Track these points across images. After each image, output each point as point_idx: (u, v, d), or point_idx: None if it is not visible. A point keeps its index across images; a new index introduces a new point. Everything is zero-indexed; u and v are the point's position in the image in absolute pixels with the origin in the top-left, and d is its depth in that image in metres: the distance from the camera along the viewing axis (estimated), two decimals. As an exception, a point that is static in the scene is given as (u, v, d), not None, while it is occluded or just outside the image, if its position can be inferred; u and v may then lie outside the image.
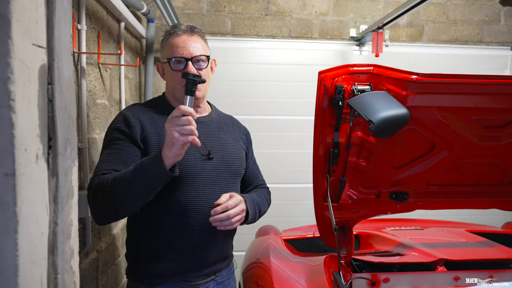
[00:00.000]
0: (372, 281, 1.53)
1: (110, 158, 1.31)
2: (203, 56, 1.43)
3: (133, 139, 1.34)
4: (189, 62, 1.39)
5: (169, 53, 1.42)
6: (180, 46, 1.40)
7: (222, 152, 1.46)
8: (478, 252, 1.75)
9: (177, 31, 1.43)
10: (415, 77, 1.38)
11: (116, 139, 1.34)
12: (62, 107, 0.77)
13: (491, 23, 3.67)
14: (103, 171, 1.29)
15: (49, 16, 0.74)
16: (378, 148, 1.53)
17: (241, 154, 1.54)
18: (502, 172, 1.68)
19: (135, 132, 1.34)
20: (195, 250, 1.39)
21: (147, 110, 1.43)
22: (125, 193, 1.22)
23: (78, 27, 1.69)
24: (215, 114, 1.56)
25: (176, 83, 1.42)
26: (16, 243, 0.63)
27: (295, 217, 3.35)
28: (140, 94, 3.21)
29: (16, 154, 0.62)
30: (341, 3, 3.54)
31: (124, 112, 1.40)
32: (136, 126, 1.35)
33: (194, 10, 3.42)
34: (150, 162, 1.22)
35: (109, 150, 1.34)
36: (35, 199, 0.70)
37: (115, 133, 1.36)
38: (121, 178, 1.22)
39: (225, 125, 1.55)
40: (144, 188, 1.22)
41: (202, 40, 1.47)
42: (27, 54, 0.66)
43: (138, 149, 1.34)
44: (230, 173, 1.46)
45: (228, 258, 1.55)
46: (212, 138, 1.47)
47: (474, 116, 1.51)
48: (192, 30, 1.45)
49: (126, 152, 1.32)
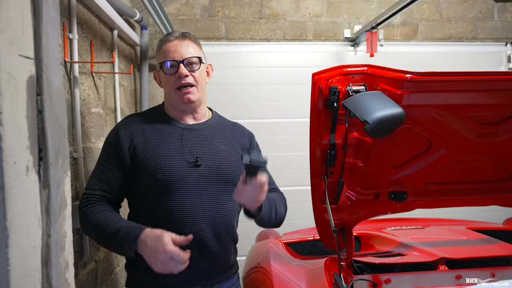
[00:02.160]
0: (374, 283, 1.51)
1: (98, 176, 1.41)
2: (194, 58, 1.44)
3: (120, 155, 1.40)
4: (181, 64, 1.41)
5: (161, 58, 1.46)
6: (172, 50, 1.43)
7: (212, 159, 1.42)
8: (479, 249, 1.74)
9: (169, 37, 1.47)
10: (410, 76, 1.38)
11: (106, 155, 1.43)
12: (52, 117, 0.77)
13: (485, 19, 3.68)
14: (92, 190, 1.39)
15: (36, 26, 0.74)
16: (375, 148, 1.52)
17: (234, 161, 1.46)
18: (500, 168, 1.67)
19: (124, 146, 1.40)
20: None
21: (139, 121, 1.46)
22: (102, 243, 1.43)
23: (70, 36, 1.68)
24: (213, 121, 1.54)
25: (170, 89, 1.44)
26: (7, 257, 0.62)
27: (295, 220, 3.33)
28: (135, 102, 3.20)
29: (4, 167, 0.61)
30: (334, 4, 3.55)
31: (118, 125, 1.47)
32: (125, 140, 1.41)
33: (188, 16, 3.42)
34: (126, 240, 1.26)
35: (99, 166, 1.43)
36: (27, 211, 0.69)
37: (107, 147, 1.44)
38: (101, 231, 1.31)
39: (221, 132, 1.52)
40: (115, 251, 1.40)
41: (194, 44, 1.48)
42: (13, 65, 0.65)
43: (120, 170, 1.40)
44: (220, 181, 1.41)
45: (231, 270, 1.49)
46: (202, 145, 1.44)
47: (470, 113, 1.50)
48: (184, 35, 1.47)
49: (110, 173, 1.40)
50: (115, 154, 1.40)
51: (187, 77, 1.41)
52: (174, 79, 1.42)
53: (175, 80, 1.42)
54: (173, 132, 1.43)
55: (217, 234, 1.39)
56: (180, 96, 1.42)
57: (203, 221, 1.36)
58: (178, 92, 1.43)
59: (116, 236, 1.27)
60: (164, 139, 1.41)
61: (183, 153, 1.40)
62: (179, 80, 1.41)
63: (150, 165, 1.36)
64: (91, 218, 1.33)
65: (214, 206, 1.39)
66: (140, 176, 1.38)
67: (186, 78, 1.41)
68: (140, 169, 1.37)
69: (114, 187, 1.40)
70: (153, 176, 1.36)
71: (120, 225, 1.29)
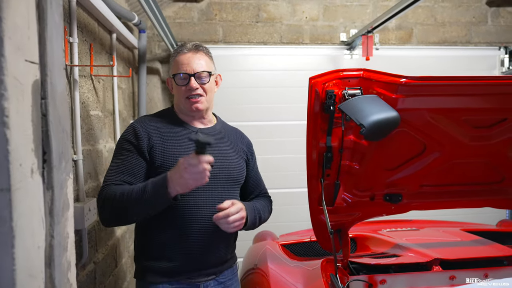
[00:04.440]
0: (369, 283, 1.54)
1: (118, 168, 1.44)
2: (205, 72, 1.54)
3: (140, 150, 1.46)
4: (192, 77, 1.51)
5: (175, 70, 1.56)
6: (185, 63, 1.53)
7: (222, 161, 1.54)
8: (473, 250, 1.77)
9: (183, 49, 1.56)
10: (404, 80, 1.40)
11: (125, 150, 1.47)
12: (56, 121, 0.78)
13: (479, 24, 3.72)
14: (112, 181, 1.41)
15: (41, 32, 0.75)
16: (370, 151, 1.55)
17: (240, 164, 1.62)
18: (493, 171, 1.70)
19: (143, 143, 1.46)
20: (194, 254, 1.48)
21: (155, 121, 1.55)
22: (130, 209, 1.38)
23: (70, 40, 1.70)
24: (219, 126, 1.66)
25: (180, 97, 1.55)
26: (13, 257, 0.63)
27: (292, 222, 3.36)
28: (133, 104, 3.22)
29: (11, 169, 0.63)
30: (330, 9, 3.58)
31: (134, 124, 1.52)
32: (143, 137, 1.47)
33: (185, 19, 3.44)
34: (157, 189, 1.33)
35: (118, 160, 1.47)
36: (31, 213, 0.70)
37: (124, 143, 1.48)
38: (128, 195, 1.35)
39: (227, 137, 1.64)
40: (147, 209, 1.38)
41: (207, 57, 1.58)
42: (20, 70, 0.67)
43: (143, 160, 1.46)
44: (228, 181, 1.55)
45: (230, 260, 1.62)
46: (213, 147, 1.51)
47: (464, 117, 1.53)
48: (197, 48, 1.56)
49: (133, 163, 1.45)
50: (135, 148, 1.46)
51: (197, 89, 1.52)
52: (185, 89, 1.53)
53: (186, 90, 1.53)
54: (188, 134, 1.53)
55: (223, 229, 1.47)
56: (190, 105, 1.53)
57: (211, 218, 1.43)
58: (188, 101, 1.53)
59: (145, 191, 1.33)
60: (180, 141, 1.51)
61: None
62: (189, 91, 1.52)
63: (168, 164, 1.43)
64: (113, 195, 1.36)
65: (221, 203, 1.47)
66: (156, 174, 1.42)
67: (196, 90, 1.52)
68: (157, 167, 1.45)
69: (137, 177, 1.44)
70: None
71: (143, 184, 1.37)
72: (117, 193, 1.36)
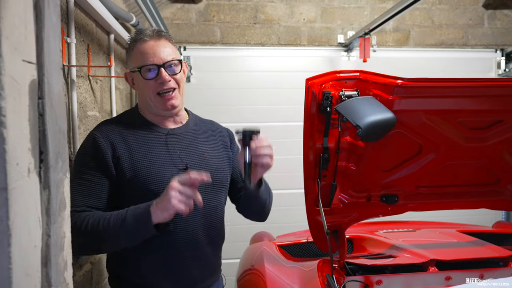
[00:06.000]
0: (365, 284, 1.54)
1: (81, 191, 1.26)
2: (175, 60, 1.34)
3: (104, 165, 1.28)
4: (161, 68, 1.31)
5: (139, 61, 1.33)
6: (150, 52, 1.31)
7: (200, 164, 1.37)
8: (468, 251, 1.77)
9: (143, 37, 1.34)
10: (400, 82, 1.41)
11: (86, 167, 1.28)
12: (52, 120, 0.79)
13: (475, 26, 3.75)
14: (75, 208, 1.22)
15: (38, 32, 0.76)
16: (367, 152, 1.55)
17: (222, 164, 1.45)
18: (489, 172, 1.71)
19: (106, 156, 1.28)
20: (178, 268, 1.34)
21: (118, 127, 1.35)
22: (107, 241, 1.22)
23: (68, 40, 1.70)
24: (192, 123, 1.48)
25: (149, 93, 1.34)
26: (9, 256, 0.63)
27: (288, 223, 3.36)
28: (131, 104, 3.22)
29: (8, 168, 0.63)
30: (328, 10, 3.60)
31: (94, 134, 1.32)
32: (106, 149, 1.29)
33: (183, 21, 3.44)
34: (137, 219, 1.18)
35: (79, 180, 1.28)
36: (28, 212, 0.71)
37: (85, 158, 1.30)
38: (103, 226, 1.19)
39: (202, 134, 1.47)
40: (128, 240, 1.23)
41: (170, 44, 1.38)
42: (17, 70, 0.67)
43: (108, 179, 1.29)
44: (210, 185, 1.34)
45: (216, 274, 1.50)
46: (189, 150, 1.39)
47: (459, 119, 1.54)
48: (159, 34, 1.35)
49: (97, 183, 1.27)
50: (96, 164, 1.28)
51: (170, 81, 1.33)
52: (155, 84, 1.32)
53: (156, 85, 1.32)
54: (157, 138, 1.36)
55: (210, 237, 1.40)
56: (163, 103, 1.34)
57: (196, 226, 1.35)
58: (160, 98, 1.34)
59: (124, 221, 1.18)
60: (149, 148, 1.33)
61: (172, 160, 1.34)
62: (160, 85, 1.32)
63: (140, 176, 1.29)
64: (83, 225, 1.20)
65: (206, 210, 1.37)
66: (128, 187, 1.30)
67: (169, 82, 1.33)
68: (129, 180, 1.29)
69: (102, 200, 1.28)
70: (144, 187, 1.29)
71: (122, 212, 1.21)
72: (88, 224, 1.20)
